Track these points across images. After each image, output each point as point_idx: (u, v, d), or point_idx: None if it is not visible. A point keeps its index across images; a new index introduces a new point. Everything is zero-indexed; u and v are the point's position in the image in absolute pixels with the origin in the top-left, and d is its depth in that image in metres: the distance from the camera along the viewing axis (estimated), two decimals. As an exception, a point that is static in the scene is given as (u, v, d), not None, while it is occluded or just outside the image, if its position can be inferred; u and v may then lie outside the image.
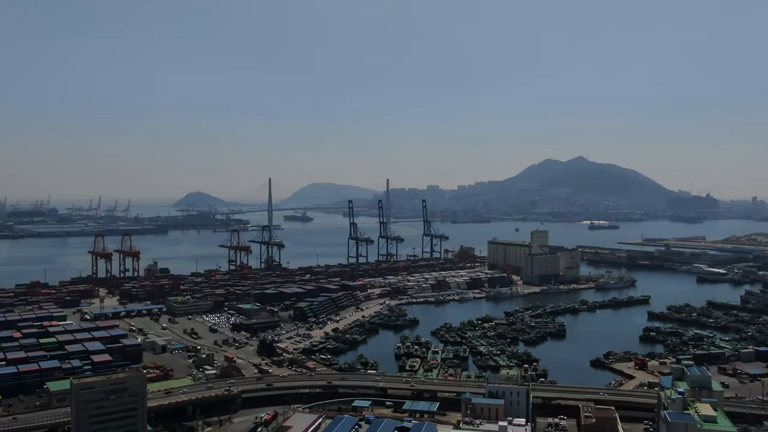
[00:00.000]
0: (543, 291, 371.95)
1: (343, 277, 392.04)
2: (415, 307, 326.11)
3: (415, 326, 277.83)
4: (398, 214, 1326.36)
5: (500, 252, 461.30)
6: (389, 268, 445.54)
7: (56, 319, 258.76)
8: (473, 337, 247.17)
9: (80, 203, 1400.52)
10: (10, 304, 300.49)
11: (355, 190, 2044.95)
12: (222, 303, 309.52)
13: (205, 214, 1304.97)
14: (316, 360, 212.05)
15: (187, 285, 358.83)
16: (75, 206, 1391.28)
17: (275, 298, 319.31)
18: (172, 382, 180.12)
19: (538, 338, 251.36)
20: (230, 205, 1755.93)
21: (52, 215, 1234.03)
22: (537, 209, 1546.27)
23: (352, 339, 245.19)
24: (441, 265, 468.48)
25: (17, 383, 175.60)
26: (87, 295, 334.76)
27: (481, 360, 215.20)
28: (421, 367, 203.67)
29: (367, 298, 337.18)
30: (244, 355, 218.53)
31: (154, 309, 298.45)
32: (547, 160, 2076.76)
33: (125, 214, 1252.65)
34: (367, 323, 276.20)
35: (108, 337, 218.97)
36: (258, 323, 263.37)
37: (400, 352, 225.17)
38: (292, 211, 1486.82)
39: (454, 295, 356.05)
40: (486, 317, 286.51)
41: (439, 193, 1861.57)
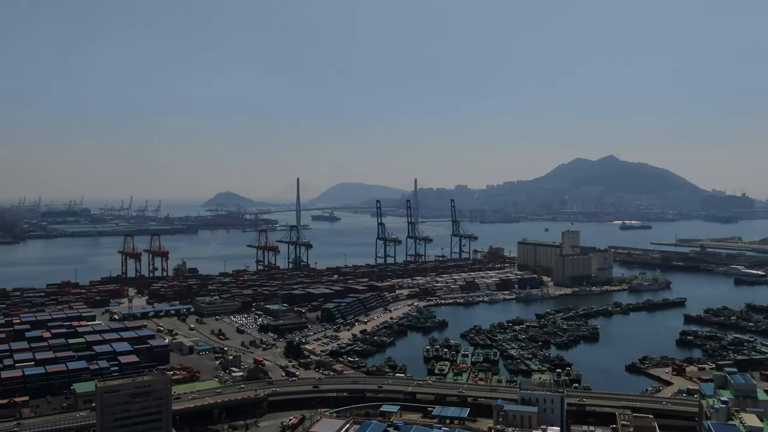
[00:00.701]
0: (575, 293, 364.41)
1: (371, 278, 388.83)
2: (444, 308, 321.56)
3: (444, 328, 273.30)
4: (426, 214, 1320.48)
5: (530, 252, 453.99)
6: (417, 268, 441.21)
7: (85, 319, 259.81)
8: (504, 339, 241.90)
9: (112, 203, 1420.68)
10: (41, 303, 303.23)
11: (383, 190, 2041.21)
12: (249, 303, 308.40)
13: (234, 214, 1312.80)
14: (344, 362, 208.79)
15: (215, 285, 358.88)
16: (107, 206, 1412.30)
17: (303, 299, 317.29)
18: (199, 384, 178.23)
19: (571, 342, 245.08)
20: (259, 205, 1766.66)
21: (84, 215, 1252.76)
22: (567, 209, 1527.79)
23: (380, 341, 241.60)
24: (470, 266, 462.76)
25: (45, 384, 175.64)
26: (116, 294, 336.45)
27: (512, 364, 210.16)
28: (451, 370, 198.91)
29: (395, 299, 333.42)
30: (271, 356, 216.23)
31: (182, 309, 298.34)
32: (577, 160, 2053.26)
33: (156, 214, 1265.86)
34: (396, 325, 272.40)
35: (135, 337, 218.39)
36: (285, 324, 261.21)
37: (428, 355, 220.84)
38: (320, 211, 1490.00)
39: (483, 296, 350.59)
40: (516, 319, 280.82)
41: (467, 192, 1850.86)
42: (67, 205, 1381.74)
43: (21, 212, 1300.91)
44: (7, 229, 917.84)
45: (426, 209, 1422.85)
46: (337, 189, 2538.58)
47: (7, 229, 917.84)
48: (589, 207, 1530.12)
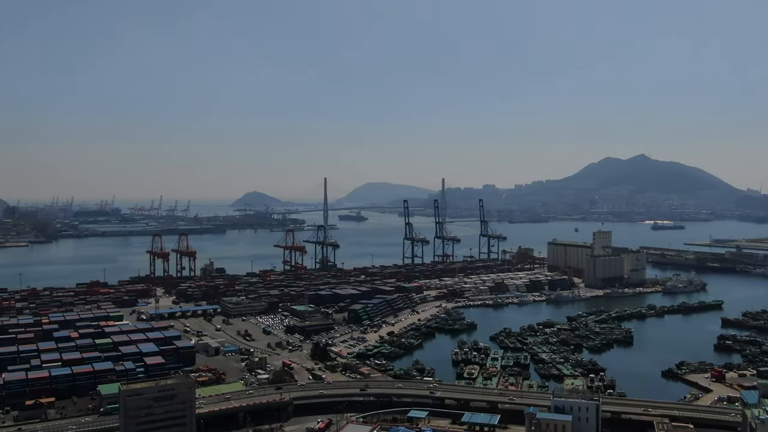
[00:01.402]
0: (606, 294, 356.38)
1: (399, 278, 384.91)
2: (473, 310, 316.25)
3: (472, 330, 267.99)
4: (454, 214, 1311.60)
5: (560, 253, 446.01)
6: (445, 269, 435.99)
7: (113, 319, 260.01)
8: (534, 343, 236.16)
9: (142, 203, 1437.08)
10: (70, 303, 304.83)
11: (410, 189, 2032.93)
12: (276, 304, 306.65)
13: (262, 214, 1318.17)
14: (371, 365, 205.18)
15: (242, 285, 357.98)
16: (137, 206, 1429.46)
17: (329, 300, 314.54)
18: (224, 386, 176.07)
19: (604, 345, 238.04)
20: (287, 205, 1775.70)
21: (115, 215, 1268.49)
22: (597, 209, 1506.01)
23: (408, 343, 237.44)
24: (498, 267, 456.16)
25: (71, 385, 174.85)
26: (144, 294, 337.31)
27: (544, 368, 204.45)
28: (480, 375, 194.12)
29: (423, 300, 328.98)
30: (297, 358, 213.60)
31: (208, 309, 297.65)
32: (606, 159, 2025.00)
33: (185, 213, 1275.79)
34: (423, 327, 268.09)
35: (162, 338, 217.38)
36: (312, 326, 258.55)
37: (457, 358, 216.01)
38: (347, 210, 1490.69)
39: (512, 297, 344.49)
40: (547, 322, 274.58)
41: (495, 192, 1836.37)
42: (98, 205, 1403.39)
43: (54, 212, 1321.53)
44: (40, 228, 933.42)
45: (453, 209, 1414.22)
46: (365, 189, 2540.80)
47: (40, 228, 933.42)
48: (619, 207, 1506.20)
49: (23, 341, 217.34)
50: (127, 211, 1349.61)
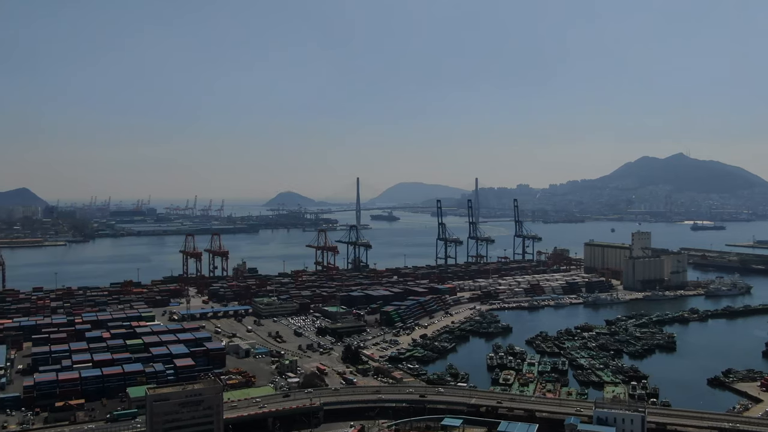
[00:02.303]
0: (646, 297, 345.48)
1: (431, 279, 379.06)
2: (507, 312, 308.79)
3: (507, 334, 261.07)
4: (487, 214, 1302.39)
5: (598, 254, 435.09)
6: (479, 270, 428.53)
7: (144, 319, 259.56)
8: (572, 347, 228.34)
9: (177, 203, 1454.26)
10: (103, 302, 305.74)
11: (443, 189, 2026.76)
12: (308, 305, 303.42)
13: (295, 214, 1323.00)
14: (403, 369, 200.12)
15: (273, 285, 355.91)
16: (172, 206, 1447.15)
17: (361, 301, 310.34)
18: (253, 390, 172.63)
19: (645, 351, 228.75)
20: (320, 205, 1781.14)
21: (150, 214, 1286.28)
22: (633, 209, 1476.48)
23: (441, 347, 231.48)
24: (534, 268, 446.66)
25: (101, 386, 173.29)
26: (176, 294, 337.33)
27: (583, 374, 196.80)
28: (516, 380, 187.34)
29: (457, 302, 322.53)
30: (329, 361, 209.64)
31: (240, 310, 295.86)
32: (644, 157, 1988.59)
33: (219, 213, 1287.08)
34: (457, 330, 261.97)
35: (192, 339, 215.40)
36: (343, 328, 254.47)
37: (492, 363, 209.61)
38: (380, 210, 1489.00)
39: (548, 300, 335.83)
40: (585, 325, 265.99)
41: (529, 192, 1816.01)
42: (135, 204, 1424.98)
43: (92, 211, 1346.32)
44: (77, 228, 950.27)
45: (487, 209, 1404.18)
46: (397, 188, 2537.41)
47: (77, 228, 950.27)
48: (657, 206, 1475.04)
49: (56, 341, 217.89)
50: (162, 211, 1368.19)
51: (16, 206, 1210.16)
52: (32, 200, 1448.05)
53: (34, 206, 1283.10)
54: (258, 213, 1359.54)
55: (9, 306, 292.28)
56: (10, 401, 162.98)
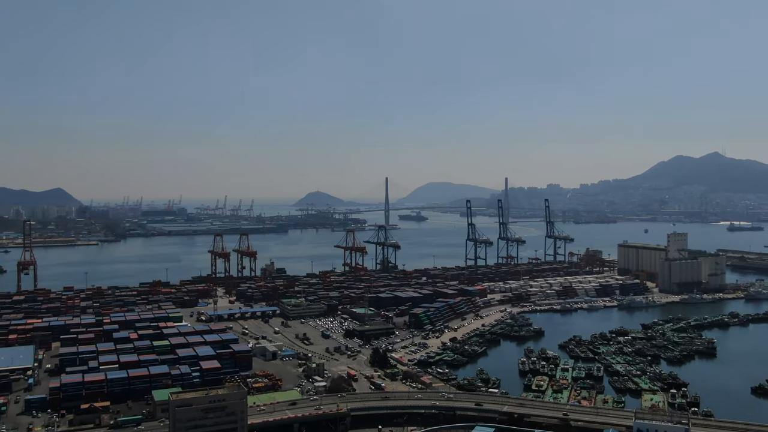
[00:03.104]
0: (683, 300, 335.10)
1: (461, 281, 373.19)
2: (539, 315, 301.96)
3: (540, 337, 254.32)
4: (517, 214, 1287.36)
5: (632, 256, 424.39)
6: (510, 271, 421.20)
7: (172, 320, 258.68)
8: (607, 353, 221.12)
9: (207, 203, 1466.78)
10: (132, 303, 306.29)
11: (472, 189, 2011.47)
12: (336, 306, 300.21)
13: (324, 214, 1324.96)
14: (433, 374, 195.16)
15: (301, 286, 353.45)
16: (203, 206, 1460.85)
17: (390, 303, 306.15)
18: (279, 394, 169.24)
19: (684, 357, 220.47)
20: (348, 205, 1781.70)
21: (181, 214, 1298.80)
22: (667, 209, 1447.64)
23: (471, 351, 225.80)
24: (566, 270, 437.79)
25: (127, 388, 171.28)
26: (205, 294, 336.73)
27: (619, 381, 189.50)
28: (550, 387, 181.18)
29: (487, 304, 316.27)
30: (356, 365, 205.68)
31: (268, 311, 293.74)
32: (677, 157, 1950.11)
33: (249, 213, 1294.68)
34: (488, 333, 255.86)
35: (219, 341, 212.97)
36: (372, 330, 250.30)
37: (524, 368, 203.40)
38: (408, 210, 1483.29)
39: (582, 303, 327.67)
40: (620, 330, 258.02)
41: (559, 192, 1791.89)
42: (166, 204, 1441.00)
43: (124, 211, 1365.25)
44: (110, 227, 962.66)
45: (516, 209, 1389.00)
46: (426, 188, 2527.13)
47: (110, 227, 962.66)
48: (691, 207, 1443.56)
49: (83, 342, 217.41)
50: (193, 211, 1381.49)
51: (51, 206, 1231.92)
52: (67, 200, 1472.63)
53: (69, 206, 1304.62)
54: (287, 213, 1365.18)
55: (40, 306, 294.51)
56: (37, 402, 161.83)
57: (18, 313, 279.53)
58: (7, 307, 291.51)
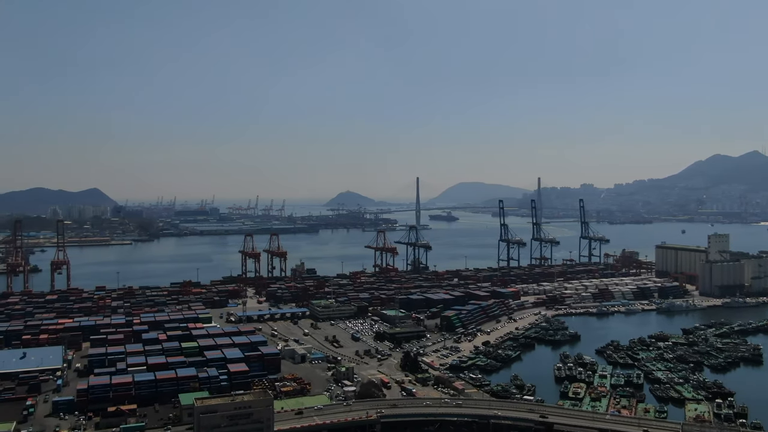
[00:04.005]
0: (725, 304, 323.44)
1: (494, 283, 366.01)
2: (574, 319, 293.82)
3: (575, 342, 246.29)
4: (549, 215, 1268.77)
5: (670, 258, 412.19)
6: (543, 273, 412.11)
7: (201, 320, 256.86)
8: (647, 359, 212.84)
9: (240, 202, 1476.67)
10: (162, 303, 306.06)
11: (504, 189, 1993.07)
12: (366, 308, 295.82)
13: (355, 214, 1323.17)
14: (465, 379, 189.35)
15: (331, 287, 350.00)
16: (235, 206, 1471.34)
17: (421, 305, 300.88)
18: (307, 399, 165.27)
19: (728, 364, 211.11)
20: (379, 205, 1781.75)
21: (213, 214, 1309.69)
22: (705, 209, 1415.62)
23: (505, 355, 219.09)
24: (601, 272, 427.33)
25: (154, 391, 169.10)
26: (235, 295, 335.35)
27: (660, 389, 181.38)
28: (588, 394, 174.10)
29: (520, 306, 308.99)
30: (386, 368, 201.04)
31: (297, 312, 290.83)
32: (715, 156, 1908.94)
33: (280, 213, 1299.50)
34: (522, 337, 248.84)
35: (247, 343, 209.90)
36: (402, 333, 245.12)
37: (560, 374, 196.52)
38: (439, 210, 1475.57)
39: (619, 306, 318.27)
40: (660, 335, 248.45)
41: (593, 192, 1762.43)
42: (199, 204, 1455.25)
43: (158, 211, 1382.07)
44: (143, 227, 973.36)
45: (549, 209, 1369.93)
46: (457, 188, 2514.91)
47: (143, 227, 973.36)
48: (730, 207, 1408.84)
49: (113, 342, 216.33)
50: (225, 211, 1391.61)
51: (87, 206, 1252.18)
52: (102, 200, 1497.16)
53: (104, 206, 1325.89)
54: (318, 213, 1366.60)
55: (72, 305, 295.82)
56: (64, 404, 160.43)
57: (50, 312, 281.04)
58: (40, 306, 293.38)
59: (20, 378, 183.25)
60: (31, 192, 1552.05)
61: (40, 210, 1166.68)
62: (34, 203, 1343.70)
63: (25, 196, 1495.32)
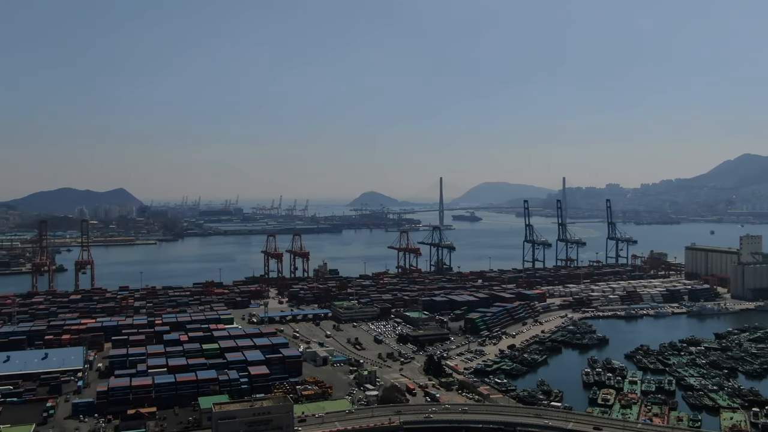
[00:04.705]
0: (758, 308, 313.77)
1: (518, 284, 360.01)
2: (601, 322, 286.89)
3: (603, 346, 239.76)
4: (574, 215, 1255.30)
5: (700, 259, 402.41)
6: (569, 275, 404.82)
7: (223, 321, 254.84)
8: (679, 364, 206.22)
9: (264, 202, 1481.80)
10: (185, 303, 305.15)
11: (528, 189, 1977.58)
12: (388, 310, 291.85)
13: (378, 214, 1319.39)
14: (490, 384, 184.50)
15: (354, 288, 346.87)
16: (259, 205, 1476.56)
17: (445, 306, 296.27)
18: (329, 403, 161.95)
19: (765, 371, 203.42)
20: (402, 205, 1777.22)
21: (237, 214, 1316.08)
22: (734, 210, 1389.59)
23: (531, 359, 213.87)
24: (629, 273, 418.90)
25: (174, 394, 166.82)
26: (257, 295, 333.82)
27: (693, 397, 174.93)
28: (617, 401, 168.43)
29: (546, 309, 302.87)
30: (409, 372, 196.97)
31: (320, 313, 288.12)
32: (744, 155, 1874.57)
33: (303, 213, 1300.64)
34: (548, 340, 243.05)
35: (268, 345, 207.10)
36: (426, 335, 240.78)
37: (588, 379, 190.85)
38: (462, 210, 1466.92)
39: (647, 309, 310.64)
40: (691, 339, 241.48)
41: (619, 192, 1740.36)
42: (223, 204, 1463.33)
43: (183, 211, 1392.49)
44: (168, 227, 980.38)
45: (574, 209, 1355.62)
46: (481, 188, 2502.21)
47: (168, 227, 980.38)
48: (761, 207, 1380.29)
49: (134, 343, 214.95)
50: (249, 211, 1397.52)
51: (113, 206, 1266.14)
52: (128, 200, 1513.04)
53: (129, 206, 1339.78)
54: (341, 213, 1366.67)
55: (95, 305, 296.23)
56: (84, 407, 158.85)
57: (74, 312, 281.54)
58: (64, 306, 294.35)
59: (41, 379, 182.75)
60: (59, 192, 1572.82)
61: (67, 210, 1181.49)
62: (61, 203, 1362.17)
63: (54, 196, 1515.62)
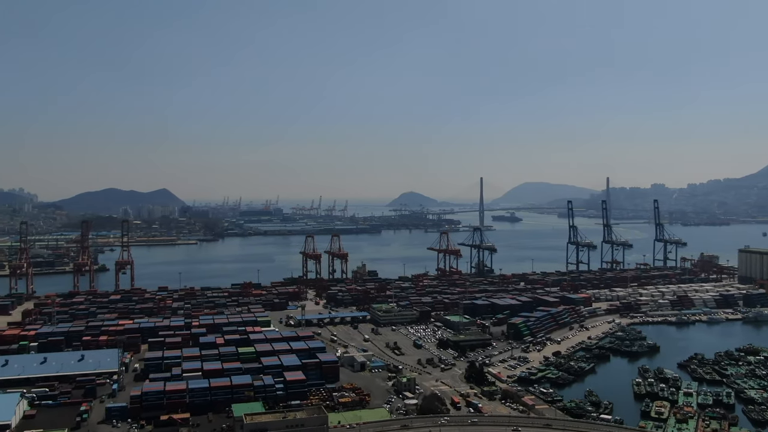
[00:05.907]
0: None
1: (563, 287, 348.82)
2: (651, 328, 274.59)
3: (654, 354, 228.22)
4: (618, 216, 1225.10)
5: (755, 263, 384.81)
6: (615, 278, 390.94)
7: (260, 324, 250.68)
8: (737, 375, 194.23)
9: (304, 203, 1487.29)
10: (222, 304, 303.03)
11: (570, 189, 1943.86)
12: (428, 313, 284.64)
13: (417, 214, 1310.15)
14: (535, 393, 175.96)
15: (393, 290, 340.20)
16: (298, 206, 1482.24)
17: (486, 310, 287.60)
18: (366, 412, 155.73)
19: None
20: (442, 205, 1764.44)
21: (277, 214, 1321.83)
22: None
23: (578, 367, 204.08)
24: (678, 277, 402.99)
25: (207, 399, 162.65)
26: (295, 297, 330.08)
27: (755, 411, 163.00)
28: (672, 415, 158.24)
29: (592, 314, 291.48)
30: (450, 379, 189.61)
31: (358, 316, 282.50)
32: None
33: (343, 213, 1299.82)
34: (595, 347, 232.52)
35: (305, 349, 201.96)
36: (467, 341, 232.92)
37: (640, 390, 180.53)
38: (503, 211, 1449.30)
39: (700, 314, 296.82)
40: (749, 348, 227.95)
41: (665, 192, 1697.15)
42: (263, 204, 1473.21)
43: (224, 211, 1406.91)
44: (209, 227, 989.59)
45: (617, 210, 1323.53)
46: (522, 188, 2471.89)
47: (209, 227, 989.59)
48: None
49: (170, 346, 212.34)
50: (288, 211, 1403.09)
51: (155, 206, 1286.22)
52: (171, 200, 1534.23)
53: (172, 206, 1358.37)
54: (381, 213, 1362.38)
55: (134, 306, 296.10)
56: (117, 411, 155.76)
57: (113, 312, 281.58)
58: (103, 306, 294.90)
59: (77, 381, 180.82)
60: (105, 192, 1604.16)
61: (112, 210, 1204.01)
62: (107, 203, 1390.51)
63: (99, 197, 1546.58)
